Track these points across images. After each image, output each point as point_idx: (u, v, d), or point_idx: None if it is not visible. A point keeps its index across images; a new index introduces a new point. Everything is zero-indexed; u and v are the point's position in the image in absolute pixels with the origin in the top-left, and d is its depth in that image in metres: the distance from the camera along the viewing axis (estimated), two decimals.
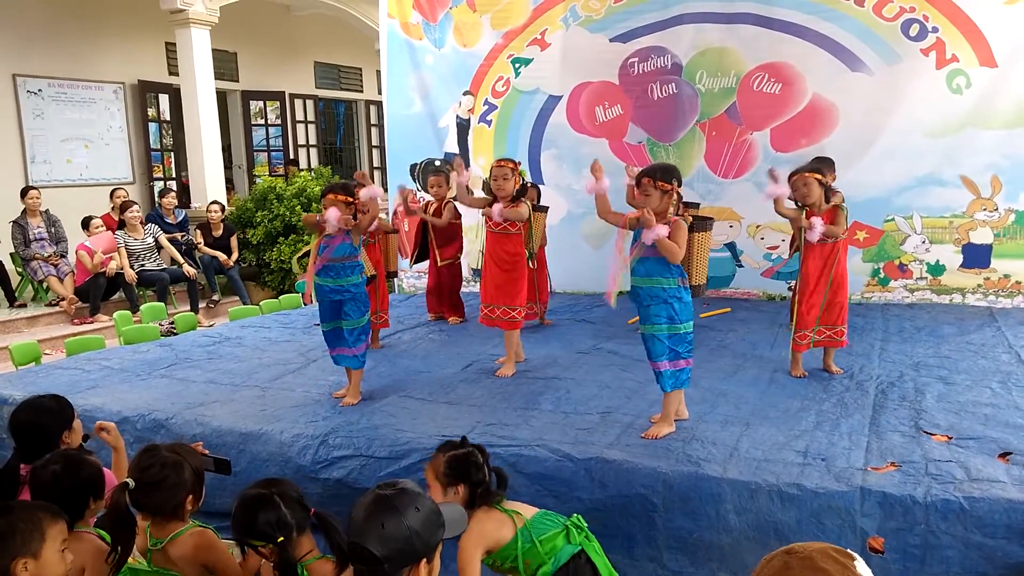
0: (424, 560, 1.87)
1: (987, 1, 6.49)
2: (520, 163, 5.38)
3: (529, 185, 5.55)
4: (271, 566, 2.31)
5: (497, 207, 5.13)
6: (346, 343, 4.54)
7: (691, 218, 3.88)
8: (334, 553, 2.21)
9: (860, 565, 1.40)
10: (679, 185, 3.89)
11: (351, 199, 4.45)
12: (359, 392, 4.60)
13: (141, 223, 9.54)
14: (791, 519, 3.17)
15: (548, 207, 6.48)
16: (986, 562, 2.99)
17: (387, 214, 7.08)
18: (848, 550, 1.41)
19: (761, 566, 1.45)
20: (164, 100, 12.01)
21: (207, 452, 2.81)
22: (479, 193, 8.23)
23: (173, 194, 10.81)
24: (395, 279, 8.37)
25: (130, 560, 2.52)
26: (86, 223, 9.40)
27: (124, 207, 9.58)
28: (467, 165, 8.32)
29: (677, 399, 3.97)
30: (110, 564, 2.33)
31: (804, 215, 4.71)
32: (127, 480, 2.46)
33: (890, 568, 3.04)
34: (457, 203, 6.23)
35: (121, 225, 9.53)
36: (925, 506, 3.08)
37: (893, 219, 6.98)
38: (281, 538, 2.28)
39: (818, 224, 4.62)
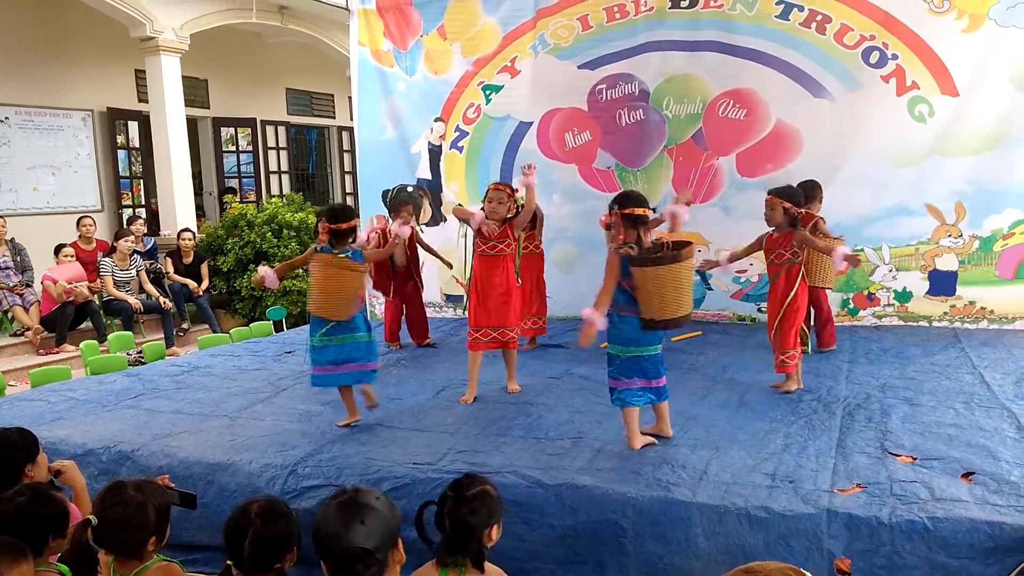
0: (398, 539, 2.09)
1: (946, 29, 6.63)
2: (517, 190, 5.40)
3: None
4: None
5: (524, 179, 5.07)
6: (360, 358, 4.48)
7: (631, 252, 3.83)
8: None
9: None
10: (634, 207, 3.95)
11: (344, 225, 4.42)
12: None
13: (130, 255, 9.54)
14: (759, 542, 3.19)
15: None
16: None
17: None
18: (802, 569, 1.45)
19: None
20: (134, 127, 11.94)
21: (172, 485, 2.78)
22: (452, 219, 8.33)
23: (141, 221, 10.74)
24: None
25: None
26: (58, 251, 9.31)
27: (119, 235, 9.64)
28: (441, 190, 8.39)
29: (632, 416, 4.02)
30: None
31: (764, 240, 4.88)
32: (89, 517, 2.43)
33: None
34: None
35: (111, 251, 9.49)
36: (890, 527, 3.12)
37: (862, 249, 7.06)
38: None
39: (840, 252, 4.77)
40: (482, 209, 5.22)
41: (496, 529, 2.54)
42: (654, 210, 6.45)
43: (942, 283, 6.92)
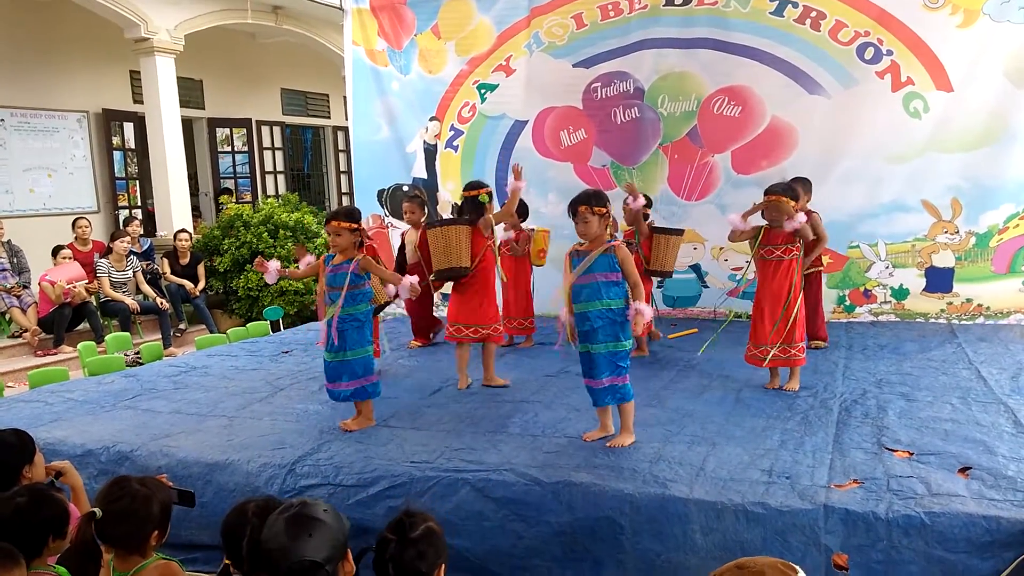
0: (348, 551, 2.04)
1: (941, 24, 6.65)
2: (488, 187, 5.44)
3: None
4: None
5: (513, 184, 5.41)
6: (356, 376, 4.43)
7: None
8: None
9: None
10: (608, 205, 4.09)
11: (356, 225, 4.45)
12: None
13: (126, 256, 9.53)
14: (756, 538, 3.20)
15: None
16: None
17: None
18: (792, 564, 1.45)
19: None
20: (129, 128, 11.92)
21: (171, 484, 2.78)
22: (448, 217, 8.33)
23: (137, 222, 10.74)
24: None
25: None
26: (56, 252, 9.29)
27: (114, 236, 9.64)
28: (437, 189, 8.39)
29: (631, 409, 4.06)
30: None
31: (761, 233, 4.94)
32: (94, 510, 2.43)
33: None
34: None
35: (107, 252, 9.49)
36: (887, 522, 3.13)
37: (858, 246, 7.09)
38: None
39: (801, 217, 4.79)
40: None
41: (443, 571, 2.30)
42: (650, 203, 6.53)
43: (939, 280, 6.94)
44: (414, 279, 4.54)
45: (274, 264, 4.63)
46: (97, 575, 2.39)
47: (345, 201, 14.95)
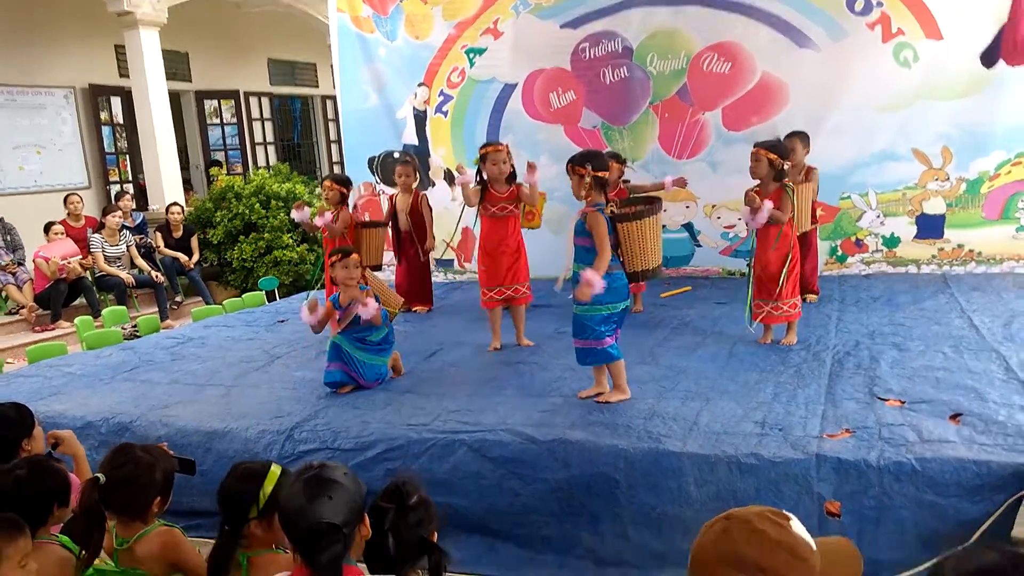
0: (365, 515, 2.03)
1: None
2: (508, 145, 5.48)
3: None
4: None
5: (531, 177, 5.17)
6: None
7: (612, 210, 3.99)
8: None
9: (795, 524, 1.45)
10: (604, 170, 4.02)
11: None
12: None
13: (119, 230, 9.51)
14: (750, 488, 3.25)
15: None
16: (938, 520, 3.09)
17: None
18: (784, 511, 1.46)
19: (702, 532, 1.48)
20: (116, 103, 11.84)
21: (171, 452, 2.81)
22: (441, 183, 8.31)
23: (129, 197, 10.70)
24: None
25: (97, 561, 2.52)
26: (47, 229, 9.27)
27: (106, 211, 9.61)
28: (428, 155, 8.36)
29: (620, 369, 4.09)
30: (80, 563, 2.33)
31: (755, 195, 4.88)
32: (98, 476, 2.46)
33: (847, 531, 3.11)
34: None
35: (100, 227, 9.46)
36: (879, 469, 3.17)
37: (849, 196, 7.09)
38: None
39: (767, 207, 4.73)
40: (478, 172, 5.32)
41: (435, 537, 2.28)
42: (626, 161, 6.51)
43: (930, 227, 6.95)
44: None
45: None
46: (102, 541, 2.42)
47: (337, 170, 14.88)
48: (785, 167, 4.98)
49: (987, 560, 1.26)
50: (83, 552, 2.35)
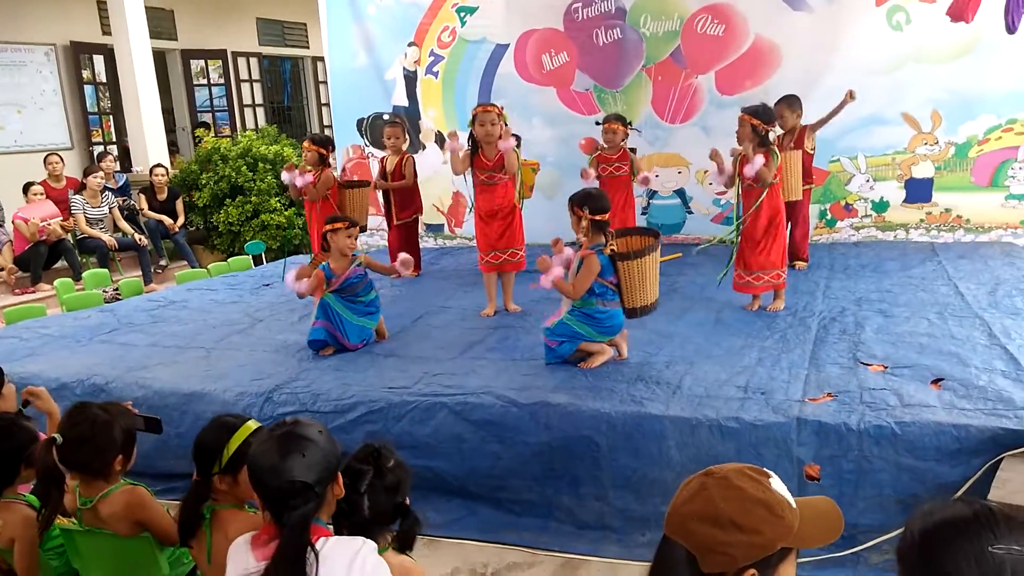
0: (339, 474, 1.99)
1: None
2: (503, 108, 5.37)
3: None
4: None
5: (504, 144, 5.11)
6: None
7: (612, 248, 3.99)
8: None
9: (775, 482, 1.42)
10: (602, 213, 4.01)
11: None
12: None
13: (101, 191, 9.37)
14: (730, 451, 3.23)
15: None
16: (917, 483, 3.09)
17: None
18: (764, 468, 1.43)
19: (681, 490, 1.46)
20: (99, 61, 11.61)
21: (135, 411, 2.76)
22: (431, 146, 8.21)
23: (111, 157, 10.54)
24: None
25: (63, 521, 2.48)
26: (26, 190, 9.13)
27: (87, 172, 9.43)
28: (419, 117, 8.25)
29: (588, 346, 4.09)
30: (40, 522, 2.29)
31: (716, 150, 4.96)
32: (54, 436, 2.42)
33: (826, 493, 3.05)
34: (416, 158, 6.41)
35: (82, 188, 9.33)
36: (859, 433, 3.16)
37: (838, 160, 7.04)
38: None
39: (758, 160, 4.68)
40: (470, 136, 5.23)
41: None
42: (630, 124, 6.42)
43: (918, 190, 6.92)
44: (407, 257, 4.79)
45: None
46: (61, 500, 2.38)
47: (327, 133, 14.70)
48: (770, 133, 4.91)
49: (951, 512, 1.24)
50: (41, 512, 2.31)
